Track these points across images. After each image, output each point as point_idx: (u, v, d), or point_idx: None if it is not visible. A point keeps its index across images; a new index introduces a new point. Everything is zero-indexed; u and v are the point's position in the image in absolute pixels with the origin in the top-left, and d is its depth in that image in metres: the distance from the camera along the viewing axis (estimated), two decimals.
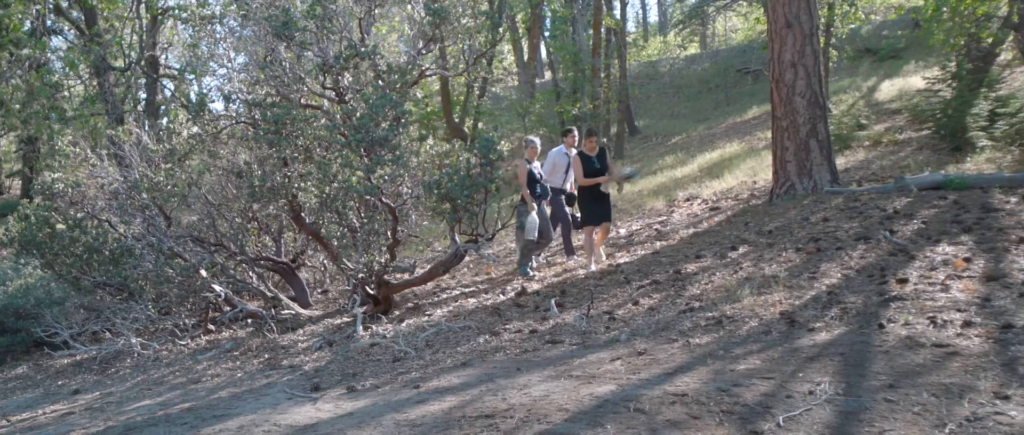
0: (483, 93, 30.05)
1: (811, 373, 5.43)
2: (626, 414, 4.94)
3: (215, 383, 8.35)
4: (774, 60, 11.97)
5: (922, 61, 24.55)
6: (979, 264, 7.47)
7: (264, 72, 10.72)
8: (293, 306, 11.30)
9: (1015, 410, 4.40)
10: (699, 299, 8.24)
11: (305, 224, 11.19)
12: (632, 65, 36.99)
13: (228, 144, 11.71)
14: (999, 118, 14.06)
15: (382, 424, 5.43)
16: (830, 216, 10.28)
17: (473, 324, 9.00)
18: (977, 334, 5.78)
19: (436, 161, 10.71)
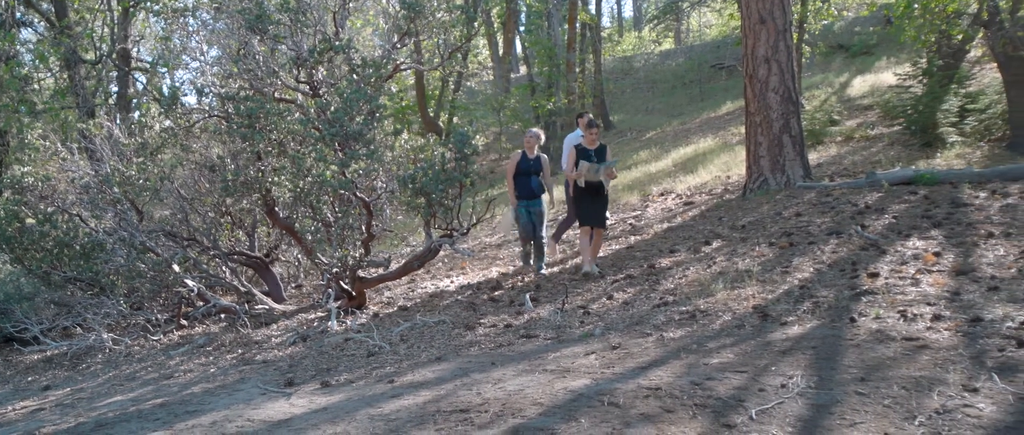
0: (458, 87, 30.01)
1: (783, 367, 5.48)
2: (600, 408, 4.96)
3: (188, 378, 8.30)
4: (748, 56, 12.04)
5: (893, 57, 24.78)
6: (949, 258, 7.56)
7: (237, 65, 10.64)
8: (267, 301, 11.24)
9: (983, 402, 4.46)
10: (673, 293, 8.29)
11: (279, 218, 11.13)
12: (607, 60, 37.07)
13: (201, 138, 11.61)
14: (969, 114, 14.22)
15: (356, 419, 5.42)
16: (803, 211, 10.36)
17: (448, 318, 9.00)
18: (946, 327, 5.86)
19: (411, 155, 10.67)
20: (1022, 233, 7.94)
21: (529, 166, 10.47)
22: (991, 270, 7.05)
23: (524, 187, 10.48)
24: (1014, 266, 7.03)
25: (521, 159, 10.49)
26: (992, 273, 6.96)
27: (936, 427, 4.24)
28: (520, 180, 10.47)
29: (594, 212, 9.85)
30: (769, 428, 4.42)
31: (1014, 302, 6.16)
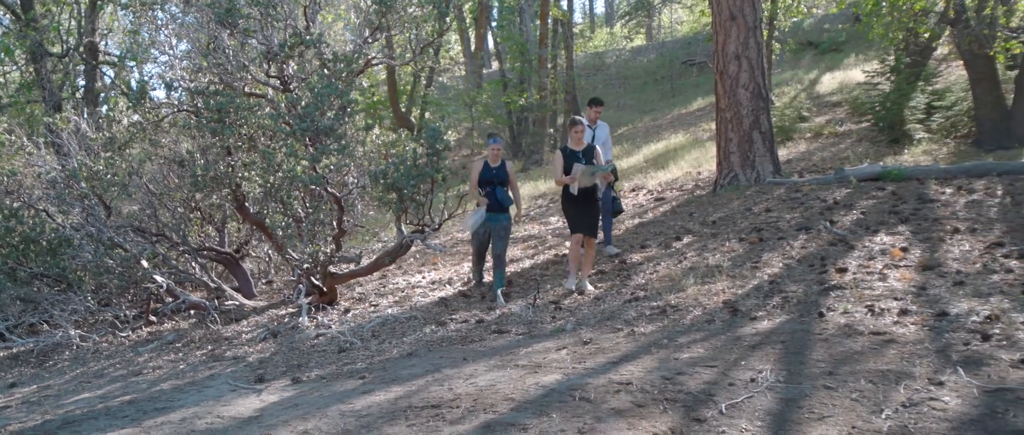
0: (430, 83, 29.92)
1: (753, 361, 5.53)
2: (572, 403, 4.98)
3: (157, 375, 8.23)
4: (718, 52, 12.10)
5: (862, 55, 24.98)
6: (915, 253, 7.66)
7: (207, 59, 10.54)
8: (237, 297, 11.17)
9: (948, 396, 4.52)
10: (644, 289, 8.33)
11: (249, 214, 11.06)
12: (579, 56, 37.08)
13: (170, 132, 11.50)
14: (935, 111, 14.40)
15: (327, 415, 5.41)
16: (772, 206, 10.44)
17: (419, 314, 8.99)
18: (913, 322, 5.93)
19: (382, 151, 10.64)
20: (987, 229, 8.06)
21: (492, 175, 9.40)
22: (957, 265, 7.14)
23: (488, 198, 9.40)
24: (979, 261, 7.13)
25: (483, 168, 9.45)
26: (958, 268, 7.05)
27: (903, 420, 4.29)
28: (485, 190, 9.44)
29: (587, 220, 8.95)
30: (739, 422, 4.46)
31: (979, 296, 6.25)
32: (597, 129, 10.26)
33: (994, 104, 13.27)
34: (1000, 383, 4.61)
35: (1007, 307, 5.89)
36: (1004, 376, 4.71)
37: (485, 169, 9.42)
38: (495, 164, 9.40)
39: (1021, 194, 9.10)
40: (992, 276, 6.72)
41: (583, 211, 8.92)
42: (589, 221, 8.95)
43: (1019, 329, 5.44)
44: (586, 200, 8.90)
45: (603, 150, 9.98)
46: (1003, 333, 5.41)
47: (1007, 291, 6.29)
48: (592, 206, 8.99)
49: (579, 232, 8.95)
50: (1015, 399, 4.37)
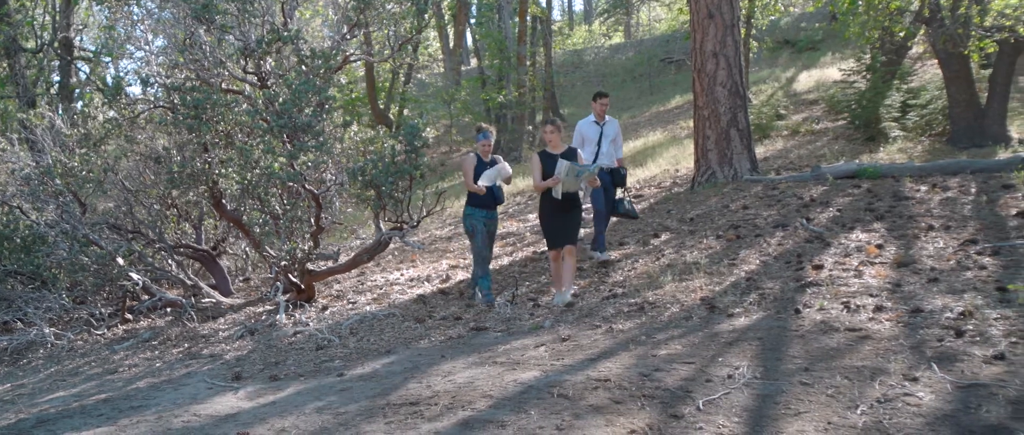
0: (408, 80, 29.90)
1: (730, 357, 5.56)
2: (550, 400, 4.99)
3: (133, 373, 8.17)
4: (696, 50, 12.15)
5: (838, 53, 25.18)
6: (891, 251, 7.73)
7: (183, 55, 10.47)
8: (214, 294, 11.10)
9: (923, 391, 4.57)
10: (622, 286, 8.35)
11: (226, 211, 10.99)
12: (557, 53, 37.14)
13: (146, 129, 11.41)
14: (910, 109, 14.53)
15: (305, 413, 5.39)
16: (750, 204, 10.50)
17: (398, 312, 8.97)
18: (888, 318, 5.99)
19: (360, 147, 10.60)
20: (961, 226, 8.14)
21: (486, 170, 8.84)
22: (931, 262, 7.21)
23: (479, 195, 8.78)
24: (953, 258, 7.21)
25: (478, 163, 8.86)
26: (932, 265, 7.12)
27: (878, 416, 4.33)
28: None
29: (567, 230, 8.22)
30: (716, 418, 4.48)
31: (953, 293, 6.31)
32: (605, 125, 9.63)
33: (968, 103, 13.40)
34: (973, 379, 4.66)
35: (980, 304, 5.95)
36: (977, 372, 4.77)
37: (479, 164, 8.83)
38: (487, 159, 8.92)
39: (995, 192, 9.20)
40: (966, 273, 6.79)
41: (564, 222, 8.21)
42: (570, 232, 8.24)
43: (992, 325, 5.50)
44: (568, 208, 8.18)
45: (614, 148, 9.67)
46: (976, 329, 5.47)
47: (980, 288, 6.36)
48: (575, 214, 8.28)
49: (559, 246, 8.23)
50: (988, 395, 4.42)
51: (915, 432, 4.09)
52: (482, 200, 8.77)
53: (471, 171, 8.79)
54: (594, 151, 9.52)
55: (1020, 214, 8.20)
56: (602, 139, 9.54)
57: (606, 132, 9.59)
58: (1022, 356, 4.94)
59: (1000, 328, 5.44)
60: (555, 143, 8.36)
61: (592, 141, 9.57)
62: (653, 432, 4.37)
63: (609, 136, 9.59)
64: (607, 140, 9.52)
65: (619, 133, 9.88)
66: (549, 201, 8.21)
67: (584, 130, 9.67)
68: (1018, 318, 5.58)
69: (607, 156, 9.62)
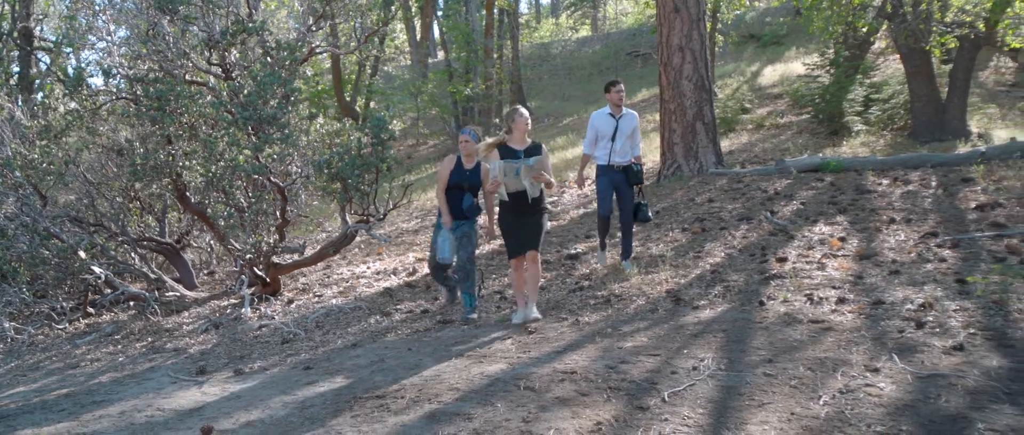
0: (375, 72, 29.76)
1: (695, 349, 5.60)
2: (516, 392, 5.00)
3: (95, 368, 8.09)
4: (662, 44, 12.21)
5: (802, 48, 25.40)
6: (853, 243, 7.82)
7: (146, 46, 10.36)
8: (178, 288, 11.00)
9: (884, 382, 4.63)
10: (588, 278, 8.39)
11: (190, 204, 10.90)
12: (524, 46, 37.12)
13: (108, 121, 11.28)
14: (873, 104, 14.70)
15: (270, 406, 5.36)
16: (715, 197, 10.58)
17: (364, 305, 8.95)
18: (850, 310, 6.06)
19: (326, 140, 10.57)
20: (922, 219, 8.25)
21: (463, 179, 7.59)
22: (892, 254, 7.31)
23: (451, 204, 7.63)
24: (914, 251, 7.31)
25: (455, 169, 7.60)
26: (893, 257, 7.22)
27: (839, 406, 4.39)
28: (450, 195, 7.64)
29: (526, 235, 7.05)
30: (681, 410, 4.52)
31: (913, 285, 6.40)
32: (622, 119, 8.32)
33: (929, 97, 13.58)
34: (933, 369, 4.73)
35: (940, 295, 6.04)
36: (937, 363, 4.84)
37: (456, 169, 7.58)
38: (469, 165, 7.58)
39: (954, 185, 9.34)
40: (926, 265, 6.89)
41: (522, 226, 7.04)
42: (530, 237, 7.06)
43: (951, 317, 5.59)
44: (526, 211, 7.01)
45: (630, 145, 8.39)
46: (936, 321, 5.55)
47: (940, 280, 6.45)
48: (534, 217, 7.06)
49: (519, 253, 7.08)
50: (947, 385, 4.49)
51: (876, 422, 4.15)
52: (451, 210, 7.60)
53: (446, 178, 7.59)
54: (608, 148, 8.30)
55: (979, 207, 8.33)
56: (617, 134, 8.29)
57: (622, 127, 8.31)
58: (980, 347, 5.02)
59: (959, 319, 5.53)
60: (520, 137, 7.01)
61: (606, 136, 8.31)
62: (619, 424, 4.39)
63: (625, 132, 8.33)
64: (622, 136, 8.29)
65: (637, 127, 8.50)
66: (505, 205, 7.09)
67: (598, 124, 8.37)
68: (977, 310, 5.67)
69: (621, 153, 8.34)
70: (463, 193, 7.56)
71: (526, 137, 7.09)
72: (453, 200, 7.58)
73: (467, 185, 7.56)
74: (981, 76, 18.05)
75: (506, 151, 6.95)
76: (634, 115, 8.44)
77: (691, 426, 4.30)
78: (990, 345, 5.05)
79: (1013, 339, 5.09)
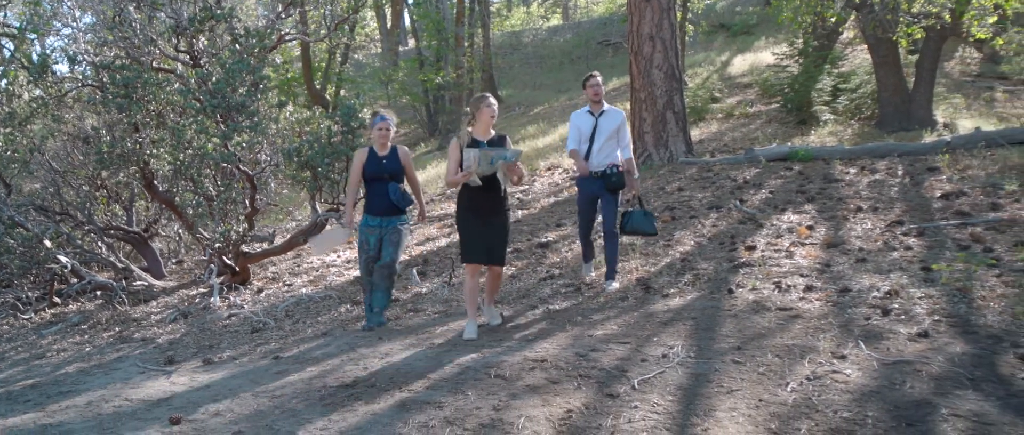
0: (345, 60, 29.57)
1: (665, 337, 5.64)
2: (487, 380, 5.01)
3: (61, 358, 8.00)
4: (633, 33, 12.23)
5: (772, 37, 25.55)
6: (821, 232, 7.90)
7: (112, 33, 10.23)
8: (146, 277, 10.91)
9: (850, 368, 4.69)
10: (559, 267, 8.41)
11: (158, 192, 10.80)
12: (495, 35, 37.05)
13: (74, 108, 11.15)
14: (841, 93, 14.84)
15: (239, 396, 5.33)
16: (685, 186, 10.63)
17: (334, 293, 8.92)
18: (817, 298, 6.13)
19: (296, 128, 10.50)
20: (888, 207, 8.35)
21: (381, 167, 6.96)
22: (859, 242, 7.39)
23: (376, 198, 6.97)
24: (880, 239, 7.39)
25: (368, 158, 7.00)
26: (860, 246, 7.30)
27: (807, 393, 4.44)
28: (370, 188, 7.04)
29: (486, 241, 6.30)
30: (650, 397, 4.55)
31: (880, 273, 6.48)
32: (602, 117, 7.31)
33: (896, 87, 13.71)
34: (899, 356, 4.80)
35: (906, 283, 6.12)
36: (902, 349, 4.91)
37: (371, 160, 6.96)
38: (383, 152, 6.98)
39: (920, 174, 9.45)
40: (892, 253, 6.97)
41: (489, 226, 6.29)
42: (492, 242, 6.32)
43: (917, 304, 5.66)
44: (490, 209, 6.29)
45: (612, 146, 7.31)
46: (902, 308, 5.62)
47: (906, 267, 6.54)
48: (495, 221, 6.32)
49: (473, 261, 6.36)
50: (912, 371, 4.55)
51: (842, 408, 4.20)
52: (375, 205, 6.95)
53: (359, 170, 7.03)
54: (586, 150, 7.31)
55: (944, 196, 8.44)
56: (595, 134, 7.27)
57: (602, 125, 7.28)
58: (945, 334, 5.10)
59: (924, 306, 5.61)
60: (485, 127, 6.31)
61: (585, 135, 7.32)
62: (589, 411, 4.42)
63: (605, 130, 7.27)
64: (602, 136, 7.26)
65: (624, 125, 7.40)
66: (466, 198, 6.34)
67: (578, 123, 7.39)
68: (941, 297, 5.76)
69: (601, 155, 7.27)
70: (386, 183, 6.89)
71: (491, 128, 6.38)
72: (376, 193, 6.93)
73: (388, 174, 6.90)
74: (947, 66, 18.27)
75: (468, 142, 6.24)
76: (619, 113, 7.37)
77: (660, 413, 4.33)
78: (954, 332, 5.13)
79: (976, 326, 5.17)
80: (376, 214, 6.94)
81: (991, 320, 5.24)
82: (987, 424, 3.91)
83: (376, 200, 6.94)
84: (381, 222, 6.96)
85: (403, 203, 6.95)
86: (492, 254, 6.33)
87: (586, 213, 7.58)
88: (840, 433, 3.96)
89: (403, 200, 6.95)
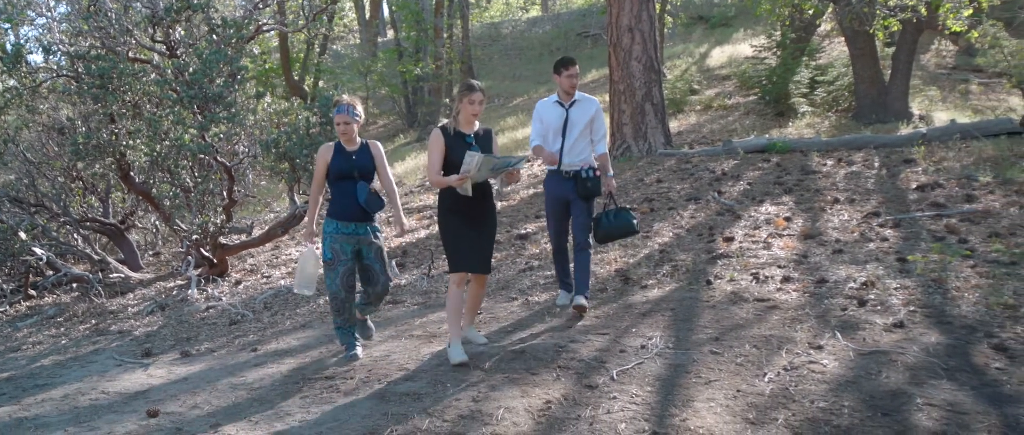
0: (324, 51, 29.41)
1: (643, 328, 5.66)
2: (466, 372, 5.01)
3: (37, 351, 7.94)
4: (612, 25, 12.24)
5: (750, 30, 25.64)
6: (798, 223, 7.94)
7: (87, 22, 10.14)
8: (122, 269, 10.84)
9: (827, 359, 4.73)
10: (538, 258, 8.41)
11: (134, 184, 10.72)
12: (475, 26, 36.96)
13: (49, 98, 11.05)
14: (818, 85, 14.91)
15: (218, 388, 5.31)
16: (663, 177, 10.66)
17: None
18: (795, 288, 6.17)
19: (274, 119, 10.46)
20: (865, 199, 8.40)
21: (350, 165, 5.74)
22: (836, 234, 7.44)
23: (342, 201, 5.73)
24: (857, 230, 7.44)
25: (334, 155, 5.77)
26: (837, 237, 7.35)
27: (784, 383, 4.47)
28: (337, 189, 5.78)
29: (477, 247, 5.47)
30: (629, 388, 4.57)
31: (856, 264, 6.53)
32: (573, 108, 6.23)
33: (873, 79, 13.80)
34: (874, 346, 4.84)
35: (882, 274, 6.17)
36: (878, 339, 4.95)
37: (337, 156, 5.76)
38: (352, 147, 5.81)
39: (896, 166, 9.52)
40: (868, 244, 7.02)
41: (478, 232, 5.48)
42: (484, 250, 5.53)
43: (892, 295, 5.71)
44: (480, 212, 5.50)
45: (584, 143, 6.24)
46: (878, 298, 5.67)
47: (882, 258, 6.59)
48: (484, 226, 5.54)
49: (464, 269, 5.48)
50: (888, 361, 4.59)
51: (819, 398, 4.24)
52: (341, 210, 5.74)
53: (323, 168, 5.82)
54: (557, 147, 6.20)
55: (920, 188, 8.51)
56: (567, 128, 6.19)
57: (574, 117, 6.21)
58: (920, 324, 5.15)
59: (900, 297, 5.66)
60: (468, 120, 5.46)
61: (554, 129, 6.22)
62: (567, 402, 4.43)
63: (578, 123, 6.20)
64: (575, 129, 6.19)
65: (598, 117, 6.30)
66: (450, 199, 5.45)
67: (543, 114, 6.30)
68: (917, 288, 5.81)
69: (574, 153, 6.20)
70: (355, 182, 5.70)
71: (476, 120, 5.53)
72: (343, 194, 5.72)
73: (358, 172, 5.72)
74: (923, 59, 18.39)
75: (452, 134, 5.42)
76: (593, 102, 6.31)
77: (639, 404, 4.35)
78: (929, 322, 5.17)
79: (951, 316, 5.23)
80: (348, 219, 5.70)
81: (965, 310, 5.30)
82: (961, 413, 3.95)
83: (346, 202, 5.70)
84: (356, 229, 5.72)
85: (373, 206, 5.68)
86: (484, 261, 5.52)
87: (557, 222, 6.48)
88: (817, 423, 4.00)
89: (373, 203, 5.68)
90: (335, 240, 5.71)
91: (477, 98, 5.41)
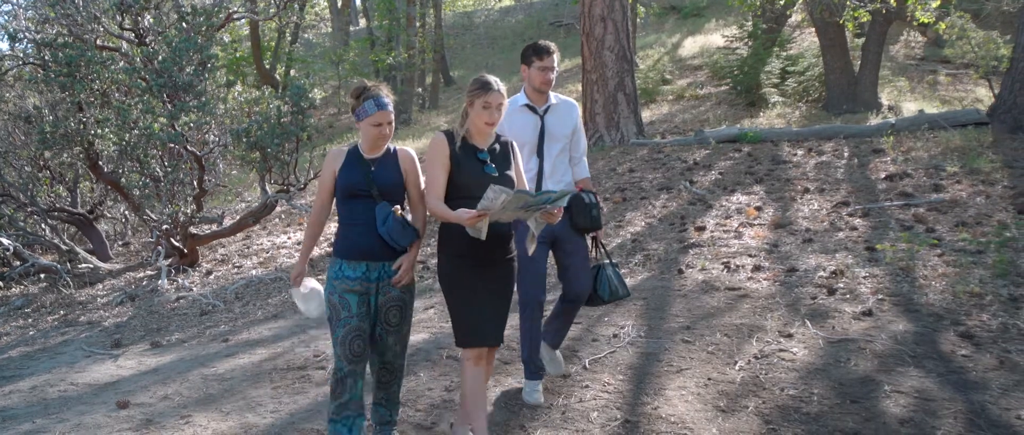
0: (295, 39, 29.21)
1: (616, 318, 5.68)
2: (440, 362, 5.02)
3: (4, 342, 7.86)
4: (585, 14, 12.25)
5: (722, 20, 25.72)
6: (769, 212, 8.01)
7: (54, 9, 10.00)
8: (91, 259, 10.73)
9: (797, 347, 4.78)
10: None
11: (103, 173, 10.60)
12: (447, 15, 36.83)
13: (15, 87, 10.91)
14: (789, 76, 15.00)
15: (188, 379, 5.28)
16: (636, 167, 10.69)
17: (285, 275, 8.85)
18: (765, 277, 6.22)
19: (245, 108, 10.37)
20: (834, 189, 8.48)
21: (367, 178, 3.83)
22: (806, 223, 7.51)
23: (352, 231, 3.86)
24: (826, 219, 7.51)
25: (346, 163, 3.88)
26: (807, 226, 7.41)
27: (755, 371, 4.51)
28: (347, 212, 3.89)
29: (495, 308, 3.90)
30: (602, 376, 4.59)
31: (826, 253, 6.59)
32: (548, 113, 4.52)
33: (842, 70, 13.91)
34: (844, 334, 4.90)
35: (851, 263, 6.24)
36: (847, 328, 5.01)
37: (349, 165, 3.87)
38: (373, 154, 3.89)
39: (866, 156, 9.61)
40: (838, 234, 7.09)
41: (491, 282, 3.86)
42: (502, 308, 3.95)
43: (861, 283, 5.78)
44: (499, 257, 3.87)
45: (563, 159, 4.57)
46: (847, 287, 5.73)
47: (851, 248, 6.66)
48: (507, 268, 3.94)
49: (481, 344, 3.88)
50: (857, 349, 4.65)
51: (789, 385, 4.28)
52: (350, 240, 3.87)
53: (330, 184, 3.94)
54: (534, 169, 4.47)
55: (889, 178, 8.59)
56: (544, 142, 4.50)
57: (551, 128, 4.52)
58: (888, 312, 5.21)
59: (869, 286, 5.72)
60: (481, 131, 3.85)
61: (527, 141, 4.43)
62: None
63: (558, 136, 4.54)
64: (554, 145, 4.52)
65: (578, 127, 4.66)
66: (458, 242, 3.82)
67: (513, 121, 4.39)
68: (885, 276, 5.88)
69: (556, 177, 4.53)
70: (373, 203, 3.81)
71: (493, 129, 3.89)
72: (354, 219, 3.85)
73: (378, 189, 3.83)
74: (892, 50, 18.55)
75: (464, 150, 3.82)
76: (573, 106, 4.69)
77: (611, 392, 4.38)
78: (897, 310, 5.24)
79: (919, 305, 5.29)
80: (358, 257, 3.83)
81: (933, 299, 5.37)
82: (928, 400, 4.01)
83: (357, 231, 3.83)
84: (367, 272, 3.84)
85: (398, 238, 3.78)
86: (501, 326, 3.94)
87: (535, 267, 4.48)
88: (787, 410, 4.04)
89: (398, 233, 3.78)
90: (335, 288, 3.85)
91: (494, 100, 3.78)
